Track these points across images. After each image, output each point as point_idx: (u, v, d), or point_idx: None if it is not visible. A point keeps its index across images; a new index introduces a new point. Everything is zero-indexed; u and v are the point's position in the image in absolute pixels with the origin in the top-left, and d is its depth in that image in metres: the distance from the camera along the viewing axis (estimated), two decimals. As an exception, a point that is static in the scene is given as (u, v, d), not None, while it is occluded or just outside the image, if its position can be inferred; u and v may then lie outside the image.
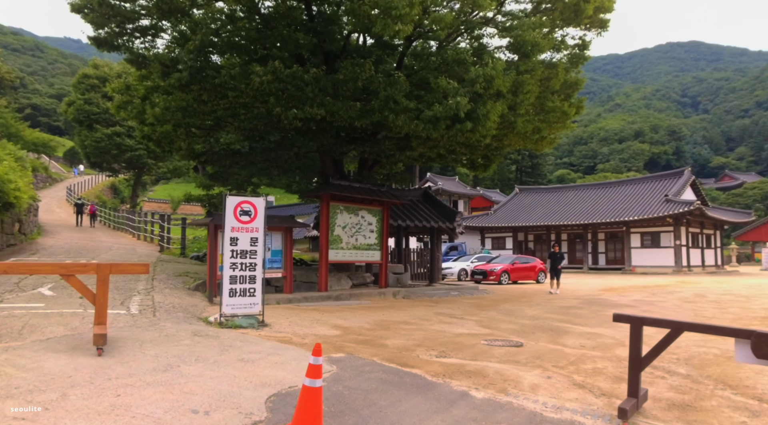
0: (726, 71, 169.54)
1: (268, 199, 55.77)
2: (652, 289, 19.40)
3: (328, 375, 5.73)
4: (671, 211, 31.96)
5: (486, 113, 9.59)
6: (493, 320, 10.90)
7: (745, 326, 10.33)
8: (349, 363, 6.34)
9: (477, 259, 28.53)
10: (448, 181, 59.70)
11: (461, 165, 17.13)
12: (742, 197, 78.03)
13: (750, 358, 4.33)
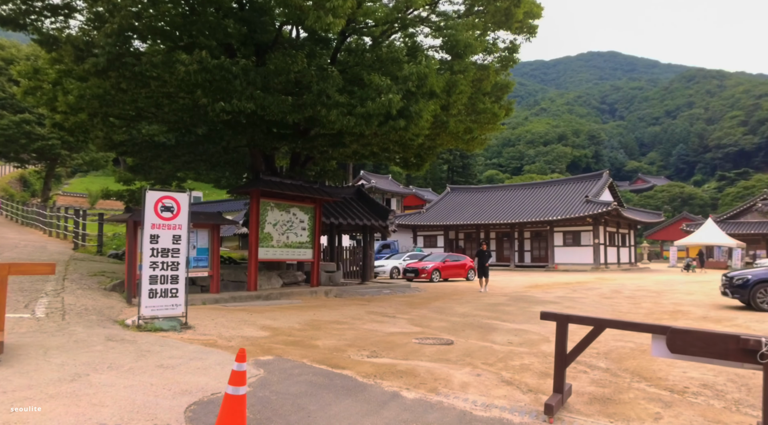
0: (640, 81, 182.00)
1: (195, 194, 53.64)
2: (573, 286, 20.37)
3: (255, 379, 5.47)
4: (591, 212, 33.79)
5: (419, 111, 9.60)
6: (424, 318, 10.96)
7: (657, 320, 11.02)
8: (277, 366, 6.10)
9: (409, 257, 28.80)
10: (382, 179, 60.01)
11: (395, 163, 17.16)
12: (652, 199, 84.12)
13: (665, 353, 4.54)
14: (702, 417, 4.91)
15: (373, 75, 9.32)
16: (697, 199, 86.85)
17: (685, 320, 11.02)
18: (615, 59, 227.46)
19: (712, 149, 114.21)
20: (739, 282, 12.74)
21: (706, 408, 5.18)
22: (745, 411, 5.14)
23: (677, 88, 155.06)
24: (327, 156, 15.25)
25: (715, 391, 5.76)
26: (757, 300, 12.35)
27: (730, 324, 10.42)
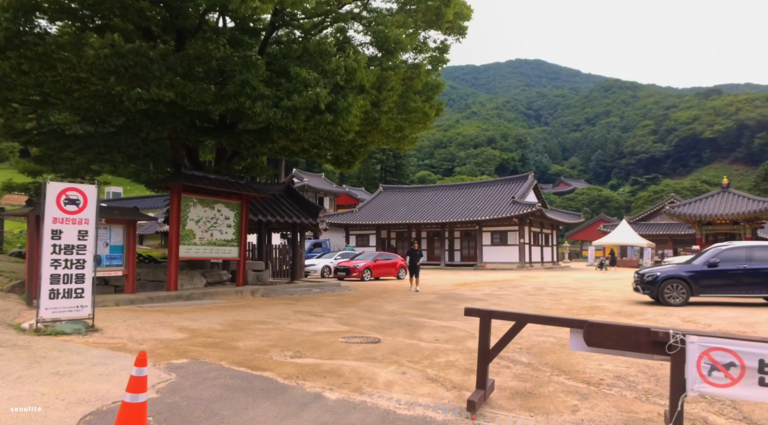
0: (563, 89, 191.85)
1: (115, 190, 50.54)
2: (500, 284, 20.96)
3: (165, 384, 5.07)
4: (517, 212, 35.04)
5: (347, 106, 9.42)
6: (353, 317, 10.80)
7: (575, 315, 11.47)
8: (191, 370, 5.71)
9: (341, 256, 28.59)
10: (315, 178, 59.33)
11: (326, 160, 16.89)
12: (573, 201, 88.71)
13: (582, 346, 4.63)
14: (615, 408, 5.07)
15: (300, 68, 9.03)
16: (613, 201, 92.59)
17: (601, 315, 11.55)
18: (541, 67, 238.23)
19: (626, 155, 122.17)
20: (649, 279, 13.54)
21: (619, 399, 5.36)
22: (654, 400, 5.36)
23: (596, 97, 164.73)
24: (255, 151, 14.73)
25: (628, 382, 5.98)
26: (664, 295, 13.18)
27: (641, 318, 11.02)
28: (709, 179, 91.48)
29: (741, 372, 3.97)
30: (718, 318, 11.08)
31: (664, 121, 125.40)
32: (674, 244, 46.97)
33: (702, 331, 4.51)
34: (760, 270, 12.78)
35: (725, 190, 35.91)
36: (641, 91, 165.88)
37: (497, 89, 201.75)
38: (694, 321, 10.66)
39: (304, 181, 54.35)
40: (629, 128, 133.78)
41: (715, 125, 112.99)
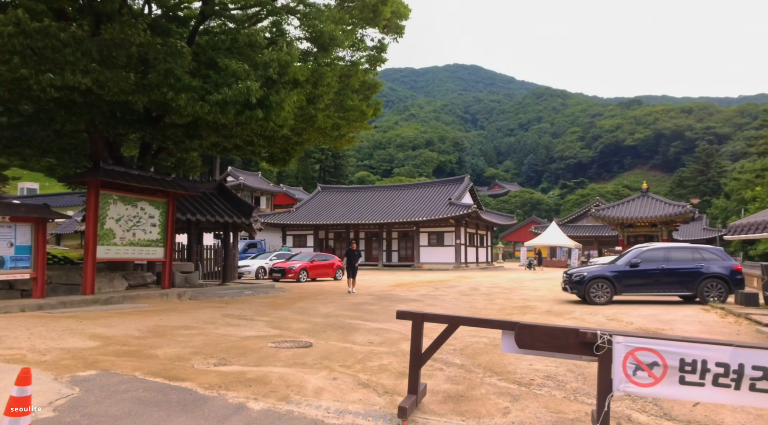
0: (498, 95, 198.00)
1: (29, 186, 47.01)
2: (436, 284, 21.13)
3: (65, 401, 4.56)
4: (454, 213, 35.61)
5: (280, 102, 9.06)
6: (285, 320, 10.43)
7: (508, 315, 11.66)
8: (99, 383, 5.20)
9: (276, 257, 27.89)
10: (251, 177, 57.79)
11: (261, 158, 16.33)
12: (507, 203, 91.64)
13: (514, 348, 4.58)
14: (545, 408, 5.07)
15: (230, 60, 8.57)
16: (544, 204, 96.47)
17: (532, 314, 11.81)
18: (477, 73, 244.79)
19: (556, 160, 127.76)
20: (576, 279, 14.03)
21: (549, 399, 5.37)
22: (582, 399, 5.43)
23: (529, 104, 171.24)
24: (183, 147, 13.98)
25: (557, 382, 6.04)
26: (590, 294, 13.69)
27: (570, 317, 11.36)
28: (630, 184, 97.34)
29: (663, 371, 4.04)
30: (638, 315, 11.61)
31: (590, 128, 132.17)
32: (599, 245, 49.47)
33: (628, 332, 4.58)
34: (676, 270, 13.55)
35: (645, 195, 38.17)
36: (570, 99, 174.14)
37: (435, 92, 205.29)
38: (617, 319, 11.10)
39: (240, 179, 52.80)
40: (559, 134, 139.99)
41: (635, 133, 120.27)
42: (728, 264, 13.49)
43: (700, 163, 77.78)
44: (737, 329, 9.81)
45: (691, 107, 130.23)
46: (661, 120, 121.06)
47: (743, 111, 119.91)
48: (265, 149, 14.46)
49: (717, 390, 3.92)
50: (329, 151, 77.60)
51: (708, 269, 13.38)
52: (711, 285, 13.36)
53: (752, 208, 22.63)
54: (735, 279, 13.34)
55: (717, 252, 13.91)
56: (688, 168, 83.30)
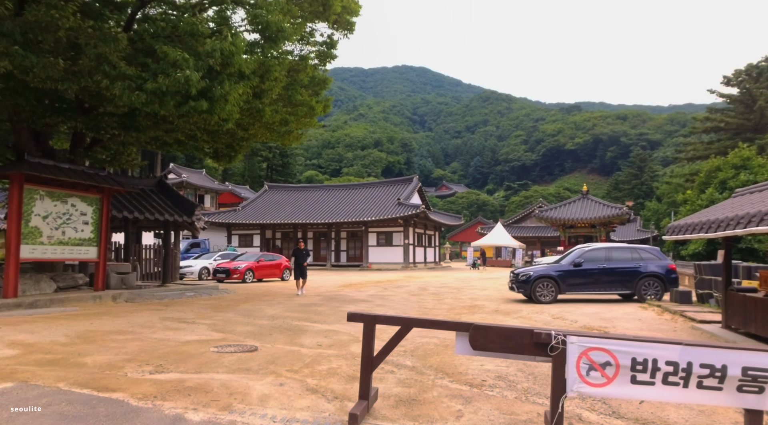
0: (446, 97, 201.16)
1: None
2: (384, 284, 21.03)
3: (-26, 419, 4.07)
4: (402, 213, 35.70)
5: (224, 94, 8.63)
6: (229, 322, 9.98)
7: (457, 315, 11.68)
8: (15, 397, 4.70)
9: (221, 257, 27.01)
10: (195, 174, 55.88)
11: (204, 154, 15.64)
12: (454, 204, 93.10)
13: (467, 350, 4.46)
14: (498, 410, 4.99)
15: (168, 47, 8.06)
16: (489, 205, 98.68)
17: (481, 313, 11.87)
18: (425, 75, 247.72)
19: (501, 162, 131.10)
20: (523, 278, 14.26)
21: (501, 401, 5.31)
22: (533, 399, 5.40)
23: (475, 107, 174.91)
24: (119, 140, 13.16)
25: (508, 382, 6.01)
26: (536, 293, 13.95)
27: (517, 316, 11.50)
28: (571, 186, 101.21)
29: (616, 370, 4.02)
30: (582, 314, 11.91)
31: (533, 132, 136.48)
32: (542, 246, 51.03)
33: (581, 332, 4.56)
34: (616, 269, 14.03)
35: (585, 197, 39.66)
36: (515, 104, 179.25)
37: (384, 93, 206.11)
38: (562, 318, 11.33)
39: (183, 176, 50.91)
40: (504, 137, 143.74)
41: (575, 138, 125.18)
42: (664, 264, 14.11)
43: (635, 168, 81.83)
44: (674, 326, 10.21)
45: (626, 114, 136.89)
46: (599, 126, 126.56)
47: (673, 119, 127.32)
48: (209, 144, 13.84)
49: (666, 389, 3.95)
50: (277, 149, 76.21)
51: (646, 268, 13.94)
52: (648, 284, 13.92)
53: (683, 210, 23.88)
54: (670, 277, 13.96)
55: (654, 251, 14.52)
56: (623, 172, 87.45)
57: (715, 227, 7.94)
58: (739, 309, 8.82)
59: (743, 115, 38.85)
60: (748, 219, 6.39)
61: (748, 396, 3.87)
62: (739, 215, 7.10)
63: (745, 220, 6.78)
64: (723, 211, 8.83)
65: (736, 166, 22.32)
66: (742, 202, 8.89)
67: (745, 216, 6.58)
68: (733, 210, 8.39)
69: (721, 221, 7.88)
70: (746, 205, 8.08)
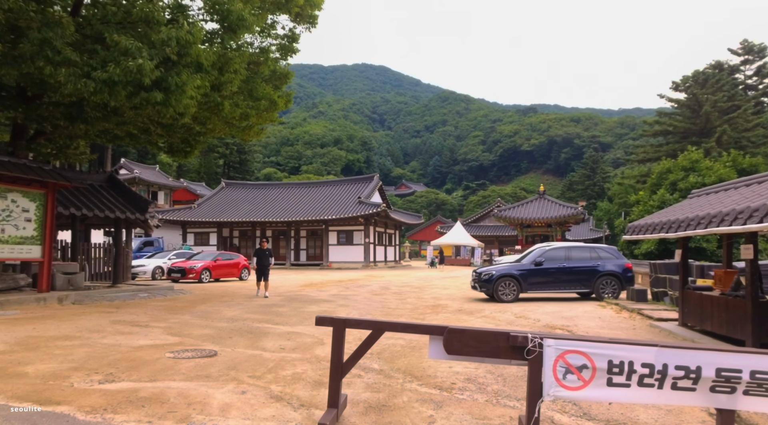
0: (405, 96, 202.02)
1: None
2: (346, 284, 20.77)
3: None
4: (363, 212, 35.49)
5: (181, 85, 8.17)
6: (185, 325, 9.52)
7: (421, 315, 11.57)
8: (-55, 414, 4.23)
9: (176, 256, 26.07)
10: (148, 170, 53.93)
11: (158, 148, 14.95)
12: (413, 203, 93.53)
13: (442, 354, 4.30)
14: (470, 415, 4.87)
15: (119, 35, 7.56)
16: (448, 204, 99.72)
17: (444, 313, 11.81)
18: (385, 74, 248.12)
19: (460, 162, 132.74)
20: (485, 277, 14.32)
21: (472, 404, 5.19)
22: (504, 402, 5.30)
23: (434, 107, 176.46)
24: (67, 133, 12.38)
25: (478, 384, 5.90)
26: (498, 292, 14.03)
27: (480, 316, 11.50)
28: (527, 186, 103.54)
29: (592, 373, 3.96)
30: (544, 313, 12.03)
31: (491, 133, 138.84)
32: (500, 244, 51.88)
33: (558, 334, 4.48)
34: (576, 268, 14.28)
35: (542, 197, 40.53)
36: (473, 104, 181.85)
37: (344, 91, 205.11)
38: (525, 317, 11.40)
39: (135, 172, 49.03)
40: (463, 137, 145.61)
41: (531, 139, 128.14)
42: (621, 263, 14.46)
43: (588, 169, 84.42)
44: (633, 324, 10.43)
45: (579, 117, 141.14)
46: (554, 128, 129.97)
47: (623, 122, 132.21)
48: (164, 139, 13.21)
49: (641, 390, 3.92)
50: (234, 146, 74.56)
51: (603, 267, 14.25)
52: (606, 283, 14.23)
53: (636, 210, 24.67)
54: (626, 276, 14.33)
55: (611, 251, 14.87)
56: (577, 173, 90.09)
57: (675, 227, 8.10)
58: (696, 307, 9.06)
59: (690, 119, 40.62)
60: (709, 219, 6.52)
61: (720, 396, 3.89)
62: (699, 215, 7.25)
63: (705, 221, 6.92)
64: (682, 212, 9.05)
65: (685, 168, 23.26)
66: (699, 203, 9.13)
67: (705, 217, 6.71)
68: (692, 210, 8.60)
69: (681, 221, 8.05)
70: (704, 205, 8.29)
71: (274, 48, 13.18)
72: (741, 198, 7.20)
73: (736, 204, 6.50)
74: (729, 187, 9.28)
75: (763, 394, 3.86)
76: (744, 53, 49.16)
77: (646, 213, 23.21)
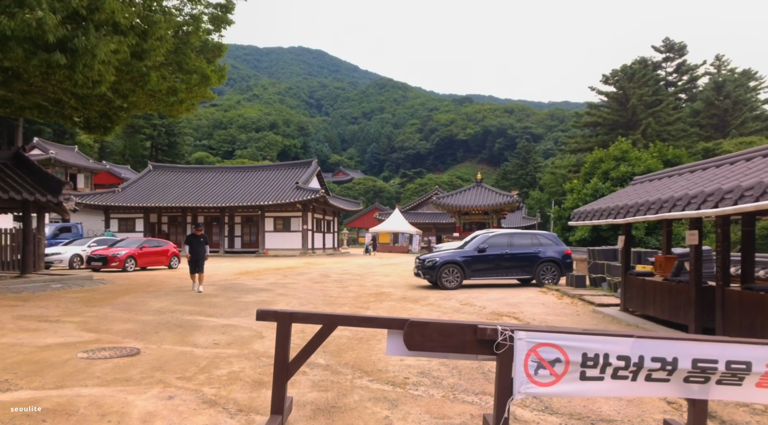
0: (343, 82, 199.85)
1: None
2: (284, 271, 19.96)
3: None
4: (301, 198, 34.49)
5: (92, 47, 7.11)
6: (104, 319, 8.54)
7: (365, 303, 11.11)
8: None
9: (97, 243, 24.14)
10: (65, 151, 49.90)
11: (73, 123, 13.43)
12: (351, 190, 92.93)
13: (402, 350, 3.83)
14: (428, 414, 4.46)
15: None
16: (386, 192, 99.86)
17: (389, 301, 11.42)
18: (322, 58, 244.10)
19: (397, 150, 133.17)
20: (429, 264, 14.05)
21: (429, 401, 4.79)
22: (462, 398, 4.94)
23: (372, 94, 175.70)
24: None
25: (432, 378, 5.52)
26: (442, 279, 13.81)
27: (426, 303, 11.19)
28: (462, 175, 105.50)
29: (565, 367, 3.64)
30: (488, 299, 11.92)
31: (428, 121, 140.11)
32: (437, 232, 52.40)
33: (529, 326, 4.12)
34: (517, 254, 14.31)
35: (479, 185, 41.11)
36: (410, 92, 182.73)
37: (280, 74, 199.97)
38: (470, 304, 11.21)
39: (51, 153, 45.15)
40: (400, 125, 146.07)
41: (467, 129, 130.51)
42: (561, 249, 14.65)
43: (521, 159, 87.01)
44: (576, 309, 10.48)
45: (512, 108, 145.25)
46: (488, 118, 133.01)
47: (553, 114, 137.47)
48: (79, 112, 11.82)
49: (615, 383, 3.65)
50: (162, 127, 70.65)
51: (544, 254, 14.37)
52: (546, 269, 14.37)
53: (570, 197, 25.43)
54: (566, 262, 14.53)
55: (551, 237, 15.04)
56: (510, 162, 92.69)
57: (624, 212, 8.06)
58: (638, 292, 9.15)
59: (618, 112, 42.52)
60: (672, 203, 6.43)
61: (693, 386, 3.69)
62: (650, 200, 7.20)
63: (658, 205, 6.86)
64: (628, 197, 9.07)
65: (616, 158, 24.16)
66: (645, 189, 9.19)
67: (667, 200, 6.62)
68: (639, 196, 8.61)
69: (631, 206, 8.02)
70: (651, 191, 8.30)
71: (206, 18, 12.11)
72: (690, 183, 7.21)
73: (696, 188, 6.44)
74: (672, 174, 9.42)
75: (736, 383, 3.69)
76: (666, 50, 52.06)
77: (580, 201, 23.98)
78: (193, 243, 13.43)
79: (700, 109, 47.26)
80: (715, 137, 42.44)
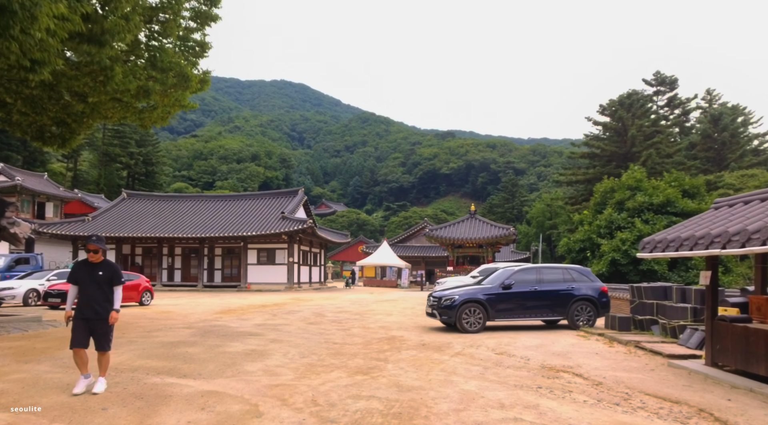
0: (325, 115, 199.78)
1: None
2: (271, 309, 17.57)
3: None
4: (287, 228, 32.24)
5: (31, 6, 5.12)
6: (33, 386, 6.23)
7: (376, 350, 8.94)
8: None
9: (57, 276, 21.50)
10: (33, 178, 46.94)
11: (23, 132, 11.07)
12: (334, 223, 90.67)
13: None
14: None
15: None
16: (369, 224, 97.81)
17: (407, 350, 9.25)
18: (305, 92, 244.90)
19: (380, 183, 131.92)
20: (446, 303, 11.90)
21: None
22: None
23: (355, 127, 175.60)
24: None
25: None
26: (462, 321, 11.69)
27: (452, 353, 9.06)
28: (446, 209, 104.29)
29: None
30: (526, 347, 9.84)
31: (411, 155, 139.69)
32: (427, 265, 50.32)
33: None
34: (549, 292, 12.34)
35: (473, 217, 39.43)
36: (393, 127, 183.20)
37: (262, 107, 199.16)
38: (507, 353, 9.14)
39: (17, 179, 42.19)
40: (383, 159, 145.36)
41: (450, 163, 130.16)
42: (596, 286, 12.73)
43: (507, 192, 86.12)
44: (644, 362, 8.45)
45: (495, 143, 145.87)
46: (471, 152, 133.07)
47: (535, 150, 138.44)
48: (29, 118, 9.64)
49: None
50: (140, 156, 68.06)
51: (578, 291, 12.42)
52: (581, 309, 12.39)
53: (582, 229, 23.73)
54: (602, 301, 12.60)
55: (585, 272, 13.13)
56: (497, 196, 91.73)
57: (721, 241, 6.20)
58: (735, 343, 7.20)
59: (616, 143, 41.59)
60: None
61: None
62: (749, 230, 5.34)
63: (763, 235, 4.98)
64: (713, 224, 7.25)
65: (630, 187, 22.68)
66: (733, 214, 7.38)
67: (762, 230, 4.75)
68: (731, 223, 6.80)
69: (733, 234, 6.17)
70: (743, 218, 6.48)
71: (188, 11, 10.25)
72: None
73: None
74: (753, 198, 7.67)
75: None
76: (657, 84, 51.93)
77: (592, 233, 22.35)
78: (82, 276, 6.10)
79: (697, 142, 46.78)
80: (712, 170, 41.73)
